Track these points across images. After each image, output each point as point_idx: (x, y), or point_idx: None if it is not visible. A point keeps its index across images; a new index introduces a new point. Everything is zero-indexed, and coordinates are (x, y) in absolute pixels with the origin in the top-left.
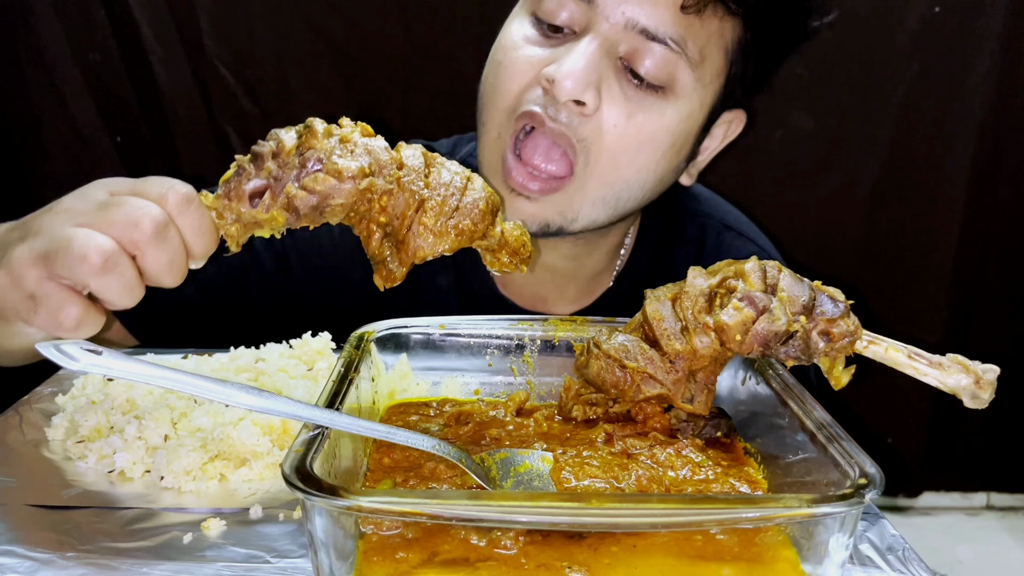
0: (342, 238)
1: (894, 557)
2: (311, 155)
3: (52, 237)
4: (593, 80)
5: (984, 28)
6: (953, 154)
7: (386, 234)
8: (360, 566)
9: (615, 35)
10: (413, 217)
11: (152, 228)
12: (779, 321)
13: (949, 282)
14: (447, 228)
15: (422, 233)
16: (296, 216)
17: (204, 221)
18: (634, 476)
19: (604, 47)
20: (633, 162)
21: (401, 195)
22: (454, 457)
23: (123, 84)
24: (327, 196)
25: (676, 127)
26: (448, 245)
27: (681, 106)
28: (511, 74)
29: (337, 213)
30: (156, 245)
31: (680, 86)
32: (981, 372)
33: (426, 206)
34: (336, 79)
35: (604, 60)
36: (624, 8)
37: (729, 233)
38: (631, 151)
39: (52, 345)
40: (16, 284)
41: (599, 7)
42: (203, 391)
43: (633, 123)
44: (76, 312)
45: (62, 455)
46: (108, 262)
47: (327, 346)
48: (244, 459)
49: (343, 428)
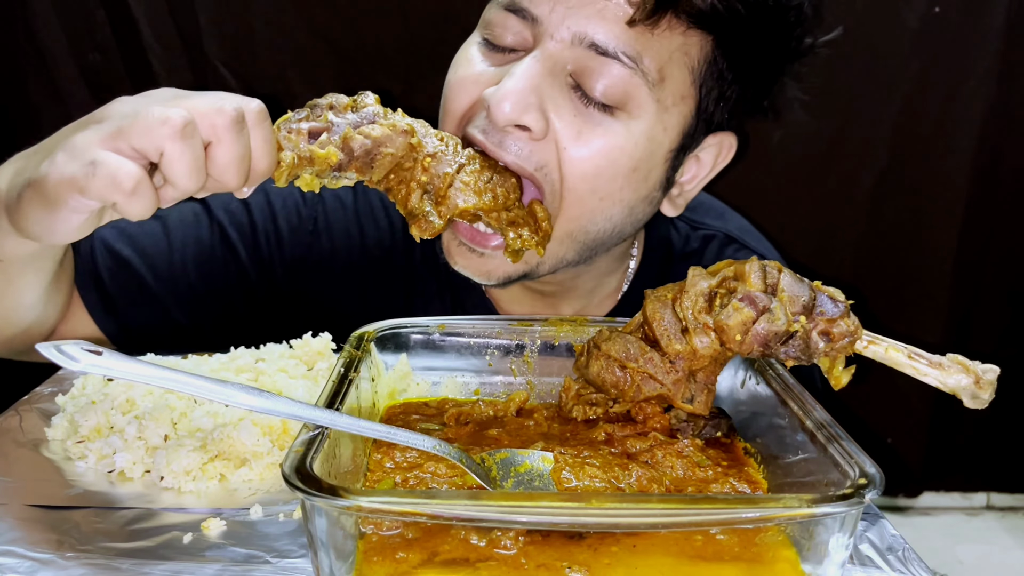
0: (331, 253)
1: (894, 557)
2: (368, 111)
3: (126, 115)
4: (533, 101)
5: (984, 28)
6: (953, 154)
7: (426, 192)
8: (360, 566)
9: (561, 52)
10: (454, 177)
11: (233, 115)
12: (779, 321)
13: (949, 282)
14: (484, 188)
15: (463, 189)
16: (349, 158)
17: (272, 139)
18: (634, 476)
19: (548, 65)
20: (595, 189)
21: (444, 158)
22: (454, 457)
23: (123, 84)
24: (381, 143)
25: (634, 149)
26: (484, 203)
27: (638, 126)
28: (456, 94)
29: (386, 164)
30: (233, 135)
31: (636, 105)
32: (981, 372)
33: (466, 169)
34: (336, 79)
35: (549, 79)
36: (570, 22)
37: (732, 246)
38: (589, 176)
39: (52, 345)
40: (76, 156)
41: (543, 24)
42: (203, 391)
43: (584, 142)
44: (135, 171)
45: (62, 455)
46: (188, 128)
47: (327, 346)
48: (244, 459)
49: (343, 428)
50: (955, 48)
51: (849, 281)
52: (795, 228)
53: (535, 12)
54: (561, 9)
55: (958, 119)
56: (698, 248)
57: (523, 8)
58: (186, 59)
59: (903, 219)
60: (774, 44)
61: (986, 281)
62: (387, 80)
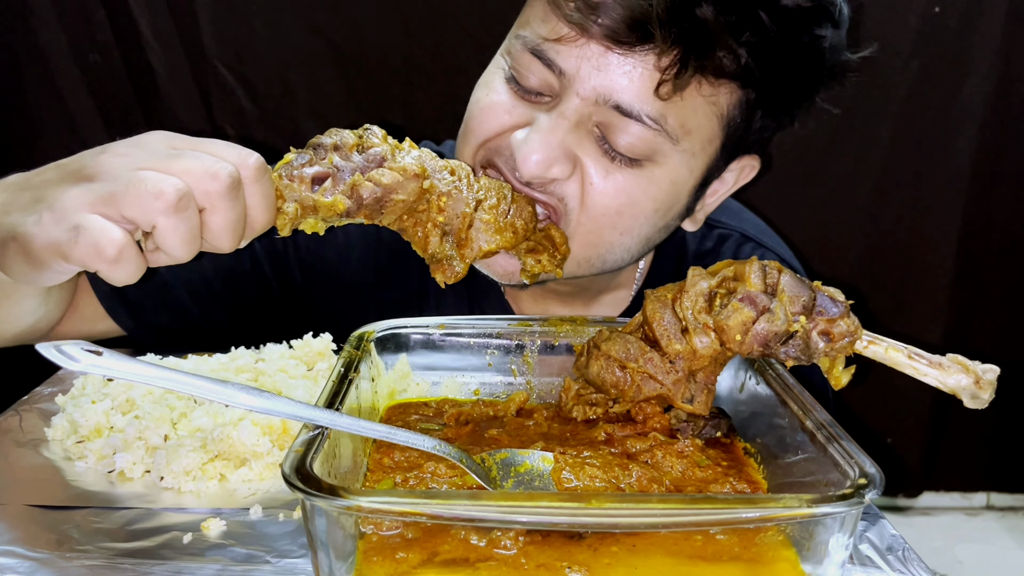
0: (347, 247)
1: (894, 557)
2: (375, 152)
3: (118, 178)
4: (559, 156)
5: (984, 28)
6: (953, 154)
7: (444, 233)
8: (360, 566)
9: (586, 109)
10: (473, 216)
11: (228, 183)
12: (779, 321)
13: (949, 282)
14: (505, 225)
15: (484, 228)
16: (358, 205)
17: (271, 194)
18: (635, 476)
19: (574, 120)
20: (615, 225)
21: (459, 195)
22: (454, 457)
23: (123, 84)
24: (392, 190)
25: (658, 192)
26: (506, 240)
27: (664, 175)
28: (483, 120)
29: (397, 209)
30: (229, 201)
31: (661, 156)
32: (981, 372)
33: (484, 205)
34: (336, 79)
35: (575, 132)
36: (595, 83)
37: (748, 245)
38: (611, 213)
39: (52, 346)
40: (61, 219)
41: (569, 79)
42: (203, 391)
43: (612, 183)
44: (119, 239)
45: (62, 455)
46: (183, 201)
47: (328, 347)
48: (244, 459)
49: (344, 428)
50: (955, 48)
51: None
52: (795, 228)
53: (561, 65)
54: (587, 67)
55: (958, 119)
56: (713, 247)
57: (549, 59)
58: (186, 59)
59: (903, 219)
60: (809, 78)
61: (986, 281)
62: (387, 80)
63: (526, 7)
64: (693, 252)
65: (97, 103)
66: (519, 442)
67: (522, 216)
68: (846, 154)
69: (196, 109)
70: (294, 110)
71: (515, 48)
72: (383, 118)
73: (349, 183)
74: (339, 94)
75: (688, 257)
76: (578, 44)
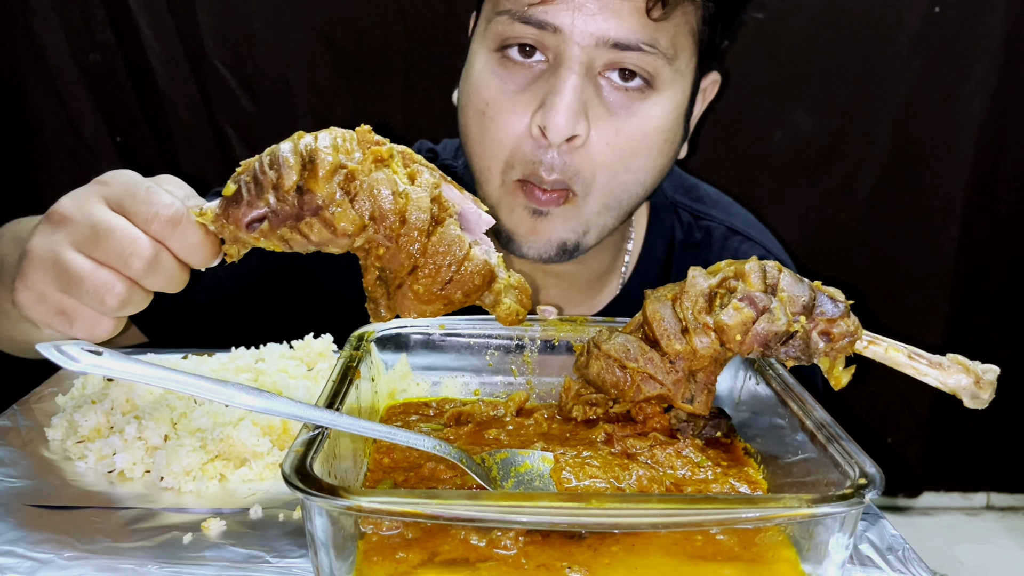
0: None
1: (894, 557)
2: (310, 200)
3: (44, 261)
4: (580, 111)
5: (984, 28)
6: (953, 154)
7: (380, 277)
8: (360, 566)
9: (589, 56)
10: (405, 279)
11: (141, 265)
12: (779, 321)
13: (949, 282)
14: (436, 296)
15: (410, 298)
16: (291, 249)
17: (194, 239)
18: (635, 476)
19: (583, 71)
20: (630, 168)
21: (398, 253)
22: (455, 457)
23: (123, 84)
24: (322, 244)
25: (666, 122)
26: (434, 310)
27: (667, 101)
28: (499, 128)
29: (335, 253)
30: (150, 275)
31: (661, 82)
32: (981, 372)
33: (418, 273)
34: (336, 79)
35: (585, 83)
36: (591, 28)
37: (736, 237)
38: (627, 159)
39: (53, 346)
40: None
41: (565, 33)
42: (204, 392)
43: (624, 135)
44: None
45: (62, 455)
46: (123, 302)
47: (329, 347)
48: (244, 459)
49: (344, 429)
50: (955, 48)
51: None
52: (795, 227)
53: (556, 23)
54: (579, 17)
55: (958, 119)
56: (701, 239)
57: (542, 20)
58: (186, 59)
59: (903, 219)
60: None
61: (986, 281)
62: (387, 80)
63: None
64: (681, 243)
65: (97, 103)
66: (519, 442)
67: (463, 289)
68: (846, 154)
69: (196, 109)
70: (294, 110)
71: (502, 23)
72: (383, 118)
73: (279, 234)
74: (339, 94)
75: (676, 248)
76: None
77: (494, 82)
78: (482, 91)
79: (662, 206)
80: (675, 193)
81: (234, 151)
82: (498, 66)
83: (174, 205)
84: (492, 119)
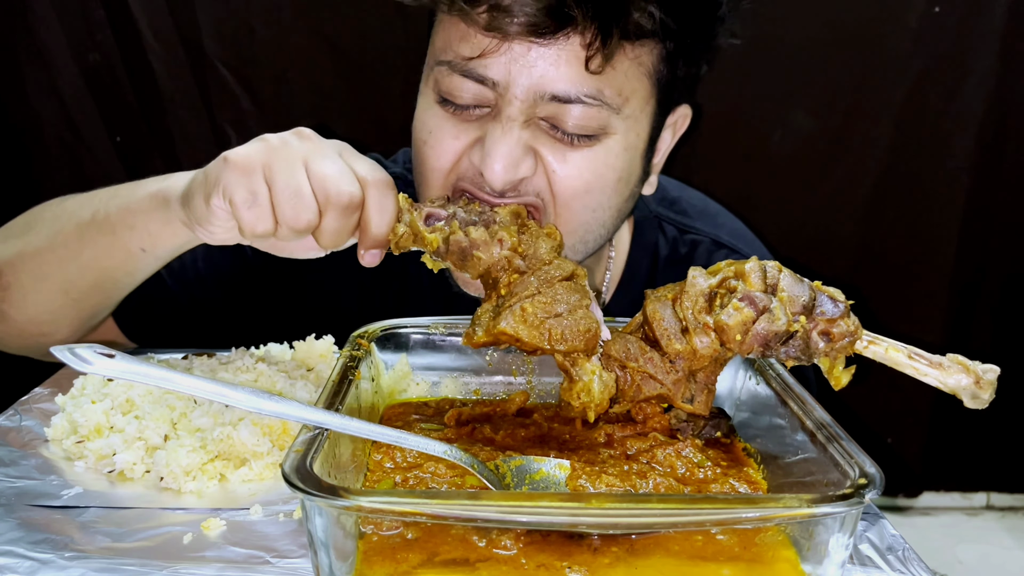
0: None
1: (894, 557)
2: (486, 215)
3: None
4: (519, 155)
5: (984, 28)
6: (953, 154)
7: (497, 304)
8: (360, 566)
9: (527, 108)
10: (521, 298)
11: (345, 202)
12: (779, 321)
13: (949, 282)
14: (538, 321)
15: (517, 313)
16: (446, 248)
17: (391, 205)
18: (651, 484)
19: (521, 120)
20: (586, 204)
21: (528, 280)
22: (466, 463)
23: (123, 84)
24: (474, 246)
25: (616, 161)
26: (529, 334)
27: (616, 144)
28: (438, 152)
29: (476, 266)
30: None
31: (610, 128)
32: (981, 372)
33: (536, 299)
34: (336, 79)
35: (527, 130)
36: (528, 83)
37: (722, 251)
38: (581, 194)
39: (67, 348)
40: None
41: (504, 86)
42: (218, 396)
43: (572, 165)
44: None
45: (62, 455)
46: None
47: (329, 348)
48: (244, 459)
49: (353, 433)
50: (955, 48)
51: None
52: (795, 228)
53: (492, 77)
54: (517, 68)
55: (958, 119)
56: (686, 254)
57: (480, 75)
58: (186, 59)
59: (903, 219)
60: (713, 17)
61: (986, 281)
62: (387, 80)
63: (435, 33)
64: (665, 259)
65: (97, 103)
66: (519, 440)
67: (567, 330)
68: (846, 154)
69: (196, 109)
70: (294, 110)
71: (442, 75)
72: (383, 118)
73: (448, 228)
74: (339, 94)
75: (660, 263)
76: (502, 51)
77: (436, 117)
78: (426, 121)
79: (645, 221)
80: (658, 206)
81: None
82: (438, 110)
83: (389, 177)
84: (432, 146)
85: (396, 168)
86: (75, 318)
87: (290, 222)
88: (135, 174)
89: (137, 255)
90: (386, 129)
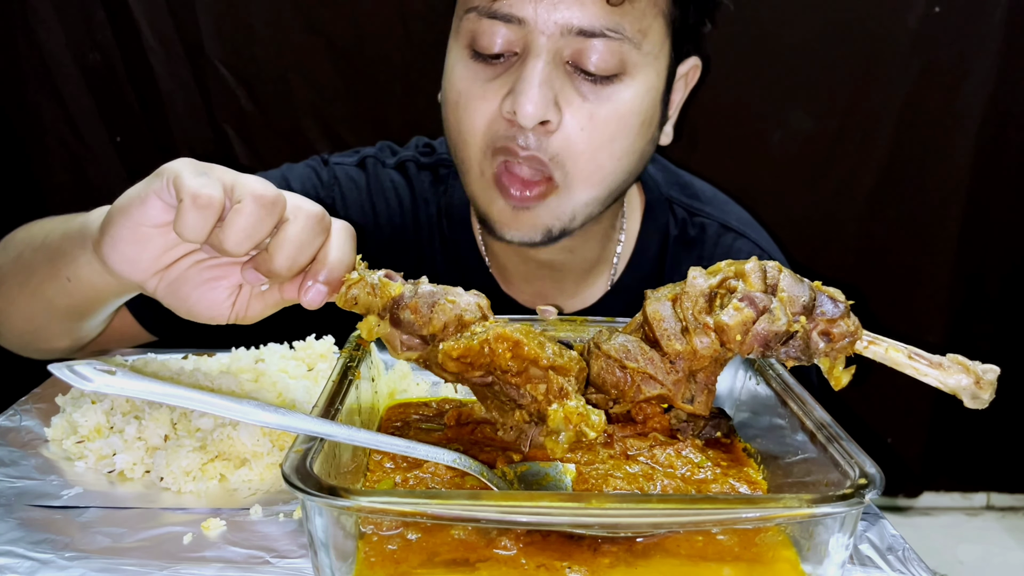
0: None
1: (894, 557)
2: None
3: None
4: (550, 97)
5: (984, 28)
6: (953, 153)
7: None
8: (360, 566)
9: (555, 44)
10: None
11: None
12: (779, 321)
13: (949, 282)
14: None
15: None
16: (411, 294)
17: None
18: (659, 487)
19: (549, 59)
20: (612, 153)
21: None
22: (475, 471)
23: (123, 84)
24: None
25: (640, 105)
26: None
27: (639, 84)
28: (472, 115)
29: (436, 323)
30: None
31: (631, 66)
32: (981, 372)
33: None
34: (336, 79)
35: (554, 72)
36: (554, 17)
37: (729, 235)
38: (605, 145)
39: (65, 366)
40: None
41: (530, 24)
42: (218, 409)
43: (598, 120)
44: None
45: (62, 455)
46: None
47: (330, 349)
48: (244, 459)
49: (363, 444)
50: (955, 48)
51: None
52: (795, 227)
53: (520, 15)
54: (542, 8)
55: (958, 118)
56: (695, 235)
57: (507, 14)
58: (186, 59)
59: (903, 218)
60: None
61: (986, 281)
62: (387, 80)
63: None
64: (675, 239)
65: (97, 103)
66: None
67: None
68: (846, 154)
69: (196, 109)
70: (294, 110)
71: (471, 21)
72: (383, 118)
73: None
74: (339, 94)
75: (670, 244)
76: None
77: (466, 74)
78: (456, 83)
79: (657, 202)
80: (670, 189)
81: (234, 151)
82: (470, 60)
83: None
84: (464, 107)
85: (408, 152)
86: (66, 332)
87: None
88: (135, 174)
89: (64, 283)
90: (386, 129)
